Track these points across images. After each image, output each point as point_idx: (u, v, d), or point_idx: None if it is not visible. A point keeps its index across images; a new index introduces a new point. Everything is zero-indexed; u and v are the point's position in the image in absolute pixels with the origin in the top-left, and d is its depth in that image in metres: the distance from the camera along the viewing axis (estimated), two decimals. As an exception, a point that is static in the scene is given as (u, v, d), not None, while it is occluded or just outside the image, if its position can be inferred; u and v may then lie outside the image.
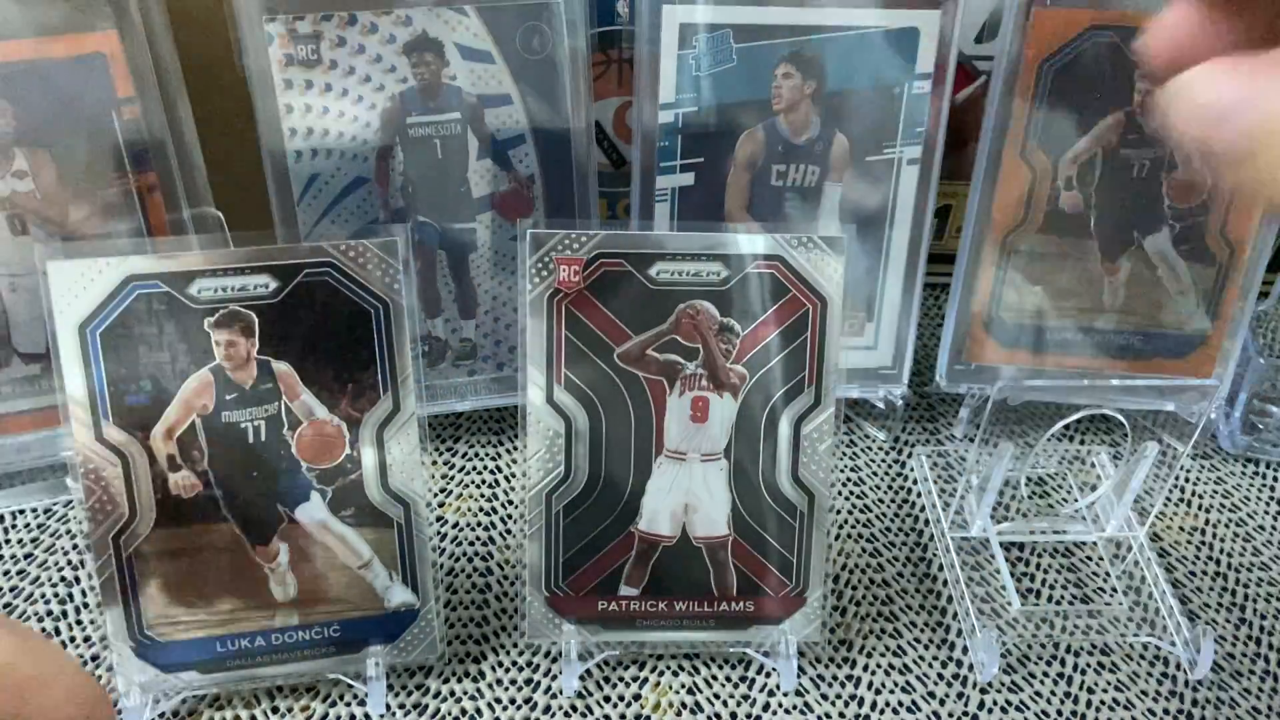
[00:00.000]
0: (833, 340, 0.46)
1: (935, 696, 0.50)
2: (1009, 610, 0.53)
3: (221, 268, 0.42)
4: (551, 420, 0.46)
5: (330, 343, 0.44)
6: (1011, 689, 0.50)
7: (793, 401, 0.46)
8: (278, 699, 0.48)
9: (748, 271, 0.45)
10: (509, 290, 0.60)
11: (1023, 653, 0.52)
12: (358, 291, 0.44)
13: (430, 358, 0.60)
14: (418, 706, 0.48)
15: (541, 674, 0.50)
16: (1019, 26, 0.55)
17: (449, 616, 0.53)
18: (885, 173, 0.58)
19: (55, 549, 0.55)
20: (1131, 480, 0.54)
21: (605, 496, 0.47)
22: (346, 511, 0.46)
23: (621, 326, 0.46)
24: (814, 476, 0.47)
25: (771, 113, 0.56)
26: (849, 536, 0.58)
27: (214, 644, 0.46)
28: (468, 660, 0.51)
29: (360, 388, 0.45)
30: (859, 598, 0.54)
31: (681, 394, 0.46)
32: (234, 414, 0.44)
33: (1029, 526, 0.58)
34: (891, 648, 0.52)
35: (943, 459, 0.63)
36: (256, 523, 0.45)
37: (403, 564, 0.47)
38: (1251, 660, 0.52)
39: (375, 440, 0.45)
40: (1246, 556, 0.58)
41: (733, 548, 0.48)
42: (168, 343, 0.43)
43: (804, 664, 0.51)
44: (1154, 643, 0.52)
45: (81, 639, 0.51)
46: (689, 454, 0.47)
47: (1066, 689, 0.50)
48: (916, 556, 0.57)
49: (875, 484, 0.62)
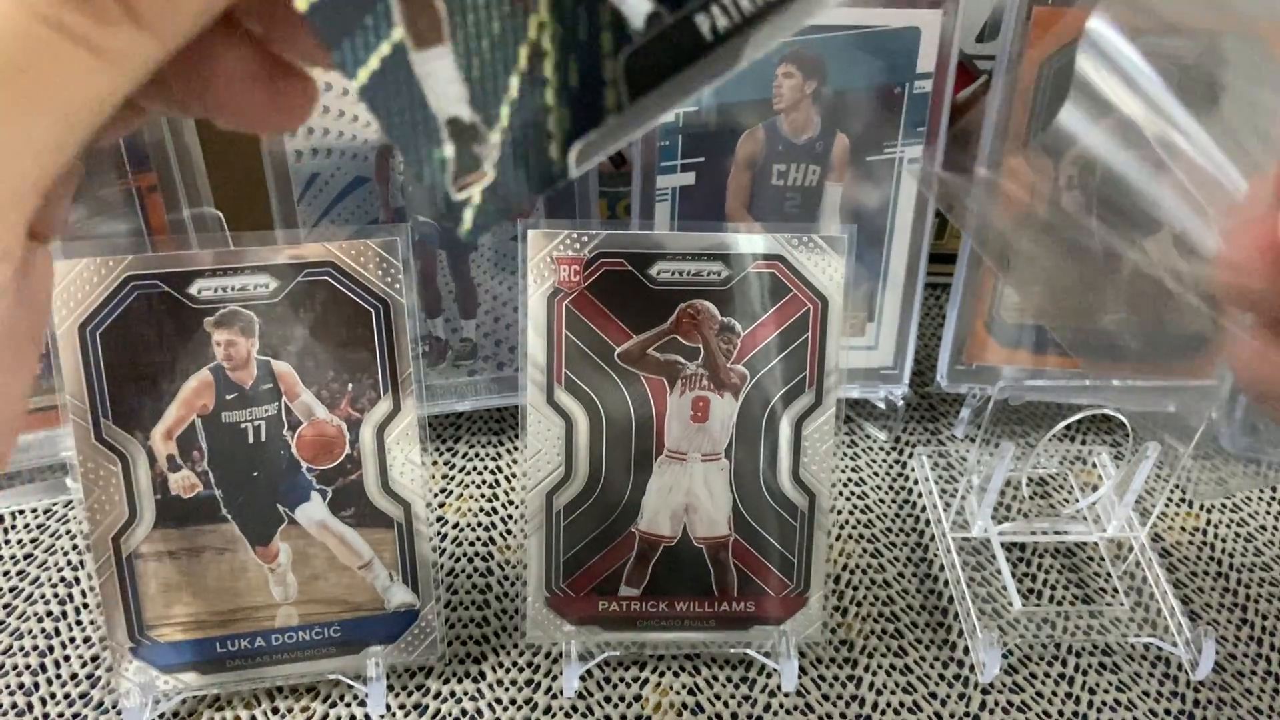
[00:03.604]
0: (833, 340, 0.46)
1: (936, 697, 0.50)
2: (1010, 611, 0.53)
3: (221, 268, 0.42)
4: (551, 420, 0.46)
5: (330, 343, 0.44)
6: (1013, 689, 0.50)
7: (793, 401, 0.46)
8: (277, 699, 0.48)
9: (748, 271, 0.45)
10: (509, 290, 0.60)
11: (1024, 653, 0.52)
12: (358, 291, 0.44)
13: (430, 358, 0.60)
14: (418, 707, 0.48)
15: (542, 674, 0.50)
16: (1019, 26, 0.55)
17: (449, 617, 0.52)
18: (886, 172, 0.58)
19: (55, 549, 0.55)
20: (1133, 480, 0.54)
21: (605, 496, 0.47)
22: (346, 512, 0.46)
23: (622, 326, 0.45)
24: (815, 477, 0.47)
25: (772, 112, 0.56)
26: (850, 537, 0.58)
27: (214, 644, 0.46)
28: (468, 660, 0.50)
29: (360, 388, 0.45)
30: (860, 598, 0.54)
31: (682, 394, 0.46)
32: (234, 414, 0.44)
33: (1030, 527, 0.58)
34: (893, 648, 0.52)
35: (944, 459, 0.62)
36: (256, 523, 0.45)
37: (403, 564, 0.47)
38: (1253, 661, 0.52)
39: (375, 440, 0.45)
40: (1248, 557, 0.58)
41: (733, 548, 0.48)
42: (168, 343, 0.43)
43: (805, 664, 0.50)
44: (1155, 643, 0.52)
45: (81, 639, 0.51)
46: (689, 454, 0.47)
47: (1068, 689, 0.50)
48: (917, 557, 0.57)
49: (876, 484, 0.62)
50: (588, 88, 0.19)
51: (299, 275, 0.43)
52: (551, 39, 0.19)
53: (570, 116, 0.19)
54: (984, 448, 0.53)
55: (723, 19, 0.19)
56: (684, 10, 0.19)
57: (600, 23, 0.19)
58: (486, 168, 0.19)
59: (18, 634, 0.51)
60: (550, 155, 0.19)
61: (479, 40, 0.19)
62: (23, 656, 0.50)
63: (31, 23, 0.15)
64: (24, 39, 0.15)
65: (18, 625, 0.51)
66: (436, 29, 0.18)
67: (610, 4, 0.18)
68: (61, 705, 0.48)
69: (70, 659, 0.50)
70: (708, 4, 0.18)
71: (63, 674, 0.49)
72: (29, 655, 0.50)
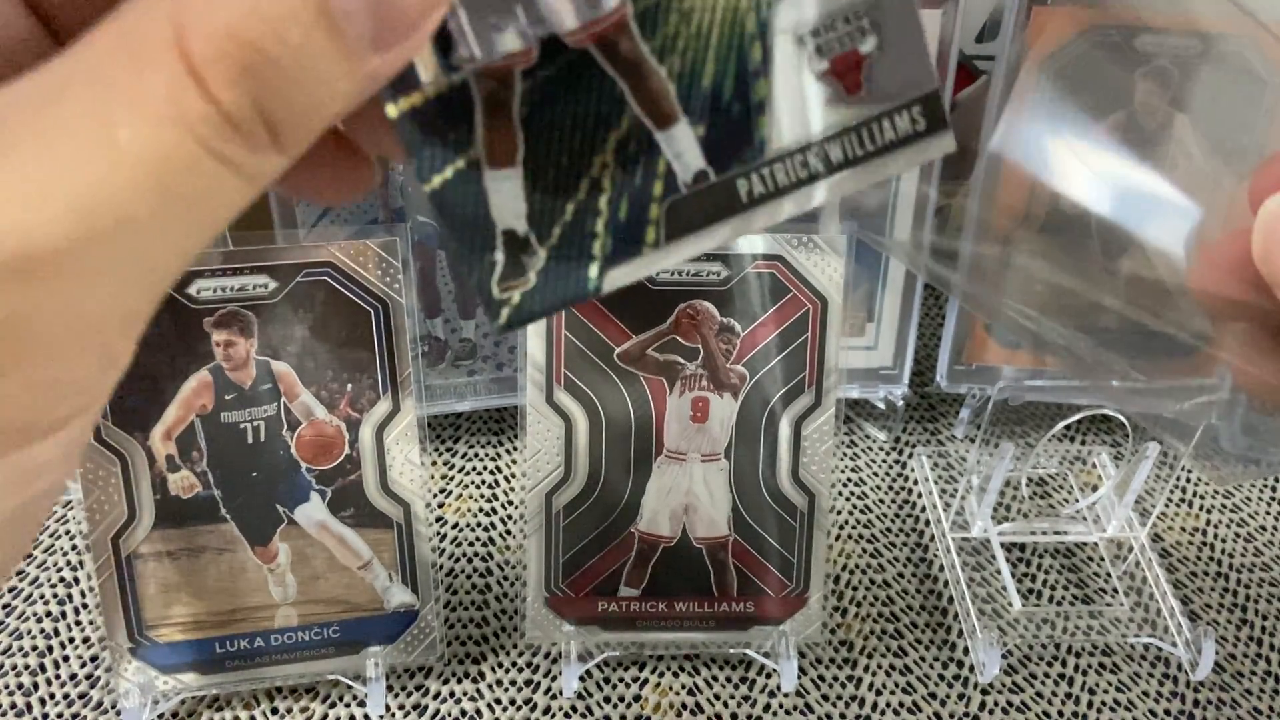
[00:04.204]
0: (833, 340, 0.46)
1: (936, 697, 0.50)
2: (1010, 611, 0.53)
3: (221, 268, 0.42)
4: (551, 420, 0.46)
5: (330, 343, 0.44)
6: (1013, 690, 0.50)
7: (793, 402, 0.46)
8: (277, 700, 0.48)
9: (748, 271, 0.45)
10: (509, 290, 0.60)
11: (1024, 653, 0.52)
12: (358, 291, 0.44)
13: (430, 358, 0.60)
14: (417, 707, 0.48)
15: (541, 675, 0.50)
16: (1019, 26, 0.55)
17: (449, 617, 0.52)
18: (886, 173, 0.58)
19: (54, 549, 0.55)
20: (1132, 481, 0.54)
21: (605, 497, 0.47)
22: (346, 512, 0.46)
23: (621, 326, 0.45)
24: (814, 477, 0.47)
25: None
26: (849, 537, 0.58)
27: (213, 645, 0.46)
28: (467, 661, 0.50)
29: (360, 388, 0.45)
30: (860, 598, 0.54)
31: (681, 394, 0.46)
32: (233, 414, 0.44)
33: (1030, 527, 0.58)
34: (892, 648, 0.52)
35: (943, 459, 0.62)
36: (256, 523, 0.45)
37: (402, 564, 0.47)
38: (1253, 661, 0.52)
39: (375, 441, 0.45)
40: (1248, 557, 0.58)
41: (733, 548, 0.48)
42: (166, 343, 0.43)
43: (804, 665, 0.50)
44: (1155, 643, 0.52)
45: (80, 639, 0.51)
46: (689, 454, 0.47)
47: (1068, 690, 0.50)
48: (917, 557, 0.57)
49: (876, 484, 0.62)
50: (632, 223, 0.21)
51: (298, 275, 0.43)
52: (610, 179, 0.21)
53: (612, 245, 0.21)
54: (984, 448, 0.53)
55: (759, 186, 0.22)
56: (729, 173, 0.21)
57: (655, 171, 0.21)
58: (530, 276, 0.21)
59: (17, 634, 0.51)
60: (588, 274, 0.22)
61: (546, 169, 0.21)
62: (22, 657, 0.50)
63: (197, 151, 0.16)
64: (188, 166, 0.16)
65: (17, 625, 0.51)
66: (511, 154, 0.21)
67: (666, 157, 0.21)
68: (60, 705, 0.48)
69: (69, 659, 0.50)
70: (749, 172, 0.21)
71: (62, 674, 0.49)
72: (28, 655, 0.50)
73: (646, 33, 0.20)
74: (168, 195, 0.16)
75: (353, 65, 0.17)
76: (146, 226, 0.16)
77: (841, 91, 0.21)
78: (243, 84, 0.16)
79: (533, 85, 0.20)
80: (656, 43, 0.21)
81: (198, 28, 0.16)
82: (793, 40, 0.21)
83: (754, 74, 0.21)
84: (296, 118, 0.17)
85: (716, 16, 0.21)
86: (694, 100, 0.21)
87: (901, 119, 0.22)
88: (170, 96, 0.16)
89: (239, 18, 0.16)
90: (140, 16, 0.16)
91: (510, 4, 0.19)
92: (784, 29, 0.21)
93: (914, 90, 0.22)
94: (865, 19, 0.21)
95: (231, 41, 0.16)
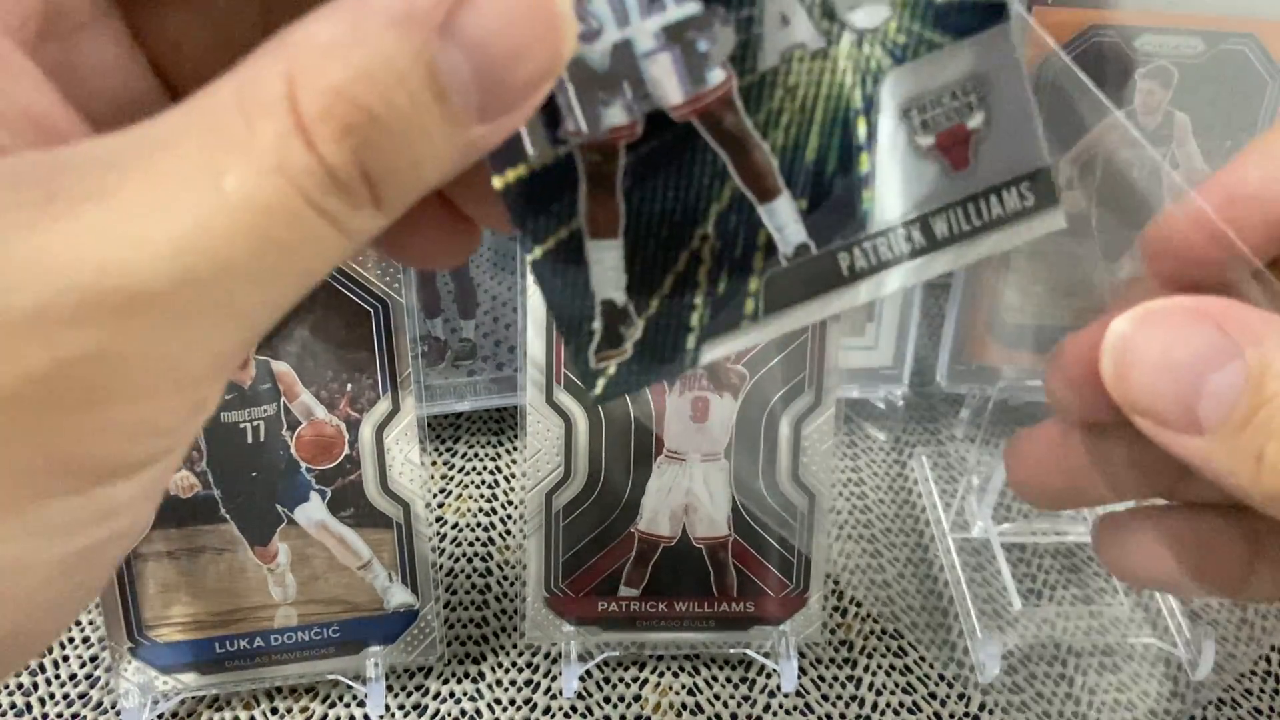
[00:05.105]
0: (833, 340, 0.46)
1: (936, 697, 0.50)
2: (1010, 611, 0.53)
3: (220, 267, 0.42)
4: (551, 420, 0.46)
5: (330, 343, 0.44)
6: (1013, 690, 0.50)
7: (793, 402, 0.46)
8: (277, 700, 0.48)
9: (748, 271, 0.45)
10: (509, 290, 0.60)
11: (1024, 653, 0.52)
12: (357, 291, 0.44)
13: (429, 358, 0.60)
14: (417, 707, 0.48)
15: (541, 675, 0.50)
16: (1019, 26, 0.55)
17: (449, 617, 0.52)
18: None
19: (54, 550, 0.55)
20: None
21: (605, 497, 0.47)
22: (346, 512, 0.46)
23: (621, 326, 0.45)
24: (814, 477, 0.47)
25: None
26: (849, 537, 0.58)
27: (213, 645, 0.46)
28: (467, 661, 0.50)
29: (359, 388, 0.45)
30: (860, 598, 0.54)
31: (681, 394, 0.46)
32: (233, 414, 0.44)
33: (1030, 527, 0.58)
34: (892, 648, 0.52)
35: (944, 459, 0.62)
36: (255, 523, 0.45)
37: (402, 564, 0.47)
38: (1254, 661, 0.52)
39: (375, 441, 0.45)
40: (1248, 557, 0.58)
41: (733, 548, 0.48)
42: (166, 343, 0.42)
43: (805, 665, 0.50)
44: (1155, 643, 0.52)
45: (80, 639, 0.51)
46: (689, 454, 0.47)
47: (1068, 690, 0.50)
48: (917, 557, 0.57)
49: (876, 484, 0.62)
50: (731, 296, 0.21)
51: (298, 275, 0.43)
52: (710, 251, 0.21)
53: (711, 317, 0.21)
54: (984, 448, 0.53)
55: (861, 260, 0.21)
56: (830, 247, 0.21)
57: (756, 243, 0.21)
58: (627, 346, 0.21)
59: (17, 634, 0.51)
60: (686, 346, 0.21)
61: (648, 241, 0.21)
62: (22, 657, 0.50)
63: (299, 203, 0.16)
64: (290, 217, 0.16)
65: (17, 626, 0.51)
66: (613, 226, 0.21)
67: (767, 230, 0.21)
68: (60, 705, 0.48)
69: (69, 659, 0.50)
70: (851, 246, 0.21)
71: (61, 674, 0.49)
72: (28, 656, 0.50)
73: (751, 107, 0.20)
74: (267, 244, 0.16)
75: (457, 133, 0.17)
76: (244, 273, 0.17)
77: (948, 167, 0.21)
78: (348, 142, 0.16)
79: (636, 158, 0.20)
80: (760, 117, 0.20)
81: (309, 84, 0.16)
82: (898, 115, 0.21)
83: (858, 149, 0.21)
84: (398, 179, 0.17)
85: (821, 92, 0.20)
86: (797, 174, 0.21)
87: (1010, 195, 0.21)
88: (277, 148, 0.16)
89: (350, 78, 0.16)
90: (257, 70, 0.16)
91: (617, 79, 0.19)
92: (889, 104, 0.21)
93: (1023, 166, 0.21)
94: (973, 95, 0.21)
95: (340, 100, 0.16)
